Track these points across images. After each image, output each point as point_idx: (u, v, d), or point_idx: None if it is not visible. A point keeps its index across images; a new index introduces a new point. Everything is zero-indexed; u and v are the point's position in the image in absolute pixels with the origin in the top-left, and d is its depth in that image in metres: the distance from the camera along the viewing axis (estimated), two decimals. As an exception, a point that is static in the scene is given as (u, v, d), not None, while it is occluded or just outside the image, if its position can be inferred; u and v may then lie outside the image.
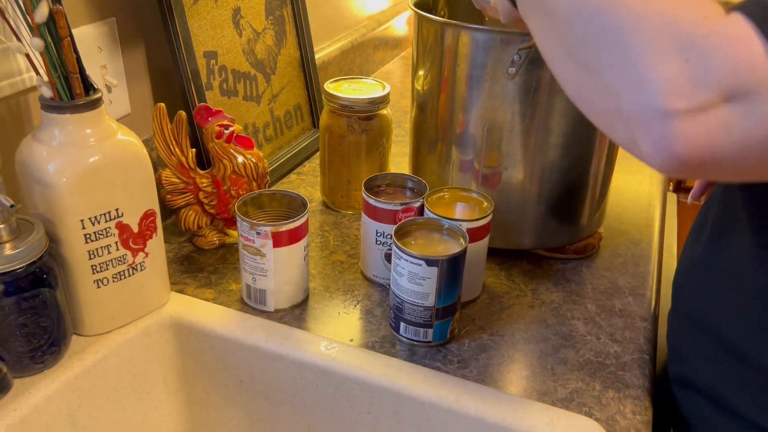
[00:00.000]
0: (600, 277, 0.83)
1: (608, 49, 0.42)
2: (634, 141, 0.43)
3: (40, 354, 0.61)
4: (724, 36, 0.39)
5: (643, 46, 0.40)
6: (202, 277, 0.79)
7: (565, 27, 0.46)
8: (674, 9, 0.40)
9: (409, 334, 0.70)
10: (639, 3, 0.41)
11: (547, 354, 0.70)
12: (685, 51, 0.39)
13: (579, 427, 0.60)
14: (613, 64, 0.42)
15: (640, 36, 0.40)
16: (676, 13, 0.40)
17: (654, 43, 0.40)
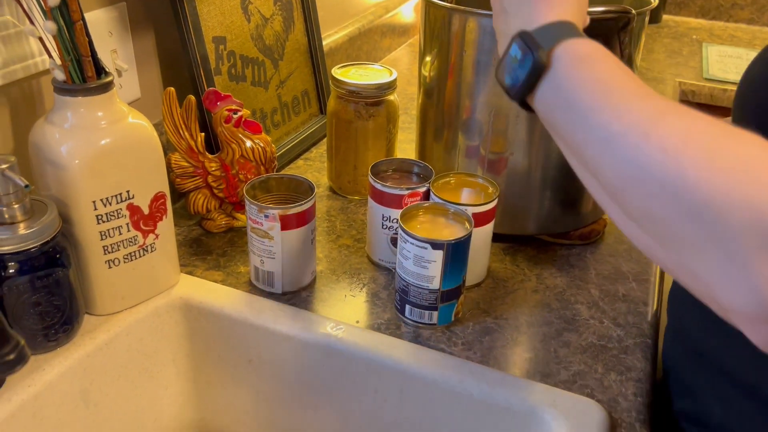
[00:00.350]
0: (604, 262, 0.83)
1: (697, 236, 0.36)
2: (724, 312, 0.38)
3: (53, 332, 0.62)
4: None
5: (745, 239, 0.34)
6: (210, 260, 0.80)
7: (624, 192, 0.41)
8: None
9: (414, 316, 0.71)
10: (735, 185, 0.35)
11: (550, 337, 0.71)
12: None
13: (581, 408, 0.61)
14: (703, 254, 0.36)
15: (742, 230, 0.34)
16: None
17: (756, 238, 0.34)
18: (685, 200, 0.36)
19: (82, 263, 0.65)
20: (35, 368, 0.61)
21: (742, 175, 0.35)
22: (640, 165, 0.39)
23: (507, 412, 0.62)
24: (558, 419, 0.60)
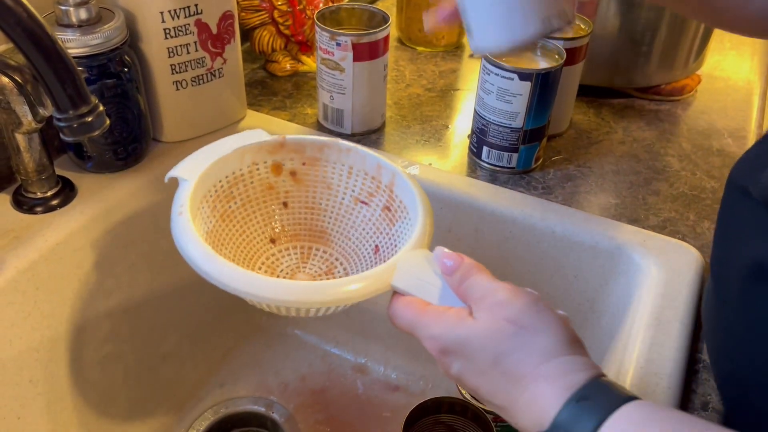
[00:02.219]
0: (696, 119, 0.77)
1: None
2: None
3: (122, 149, 0.60)
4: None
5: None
6: (276, 101, 0.77)
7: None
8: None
9: (491, 159, 0.67)
10: None
11: (638, 185, 0.66)
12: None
13: (672, 249, 0.57)
14: None
15: None
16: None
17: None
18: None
19: (149, 83, 0.62)
20: (106, 185, 0.60)
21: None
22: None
23: (592, 250, 0.58)
24: (648, 258, 0.56)
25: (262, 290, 0.39)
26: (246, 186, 0.50)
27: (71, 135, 0.40)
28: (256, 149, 0.50)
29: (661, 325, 0.50)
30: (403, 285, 0.40)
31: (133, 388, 0.65)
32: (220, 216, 0.48)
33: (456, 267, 0.39)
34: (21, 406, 0.54)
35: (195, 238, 0.42)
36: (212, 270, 0.40)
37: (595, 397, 0.33)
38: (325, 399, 0.72)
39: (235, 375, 0.73)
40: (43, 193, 0.57)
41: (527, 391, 0.34)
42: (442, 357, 0.37)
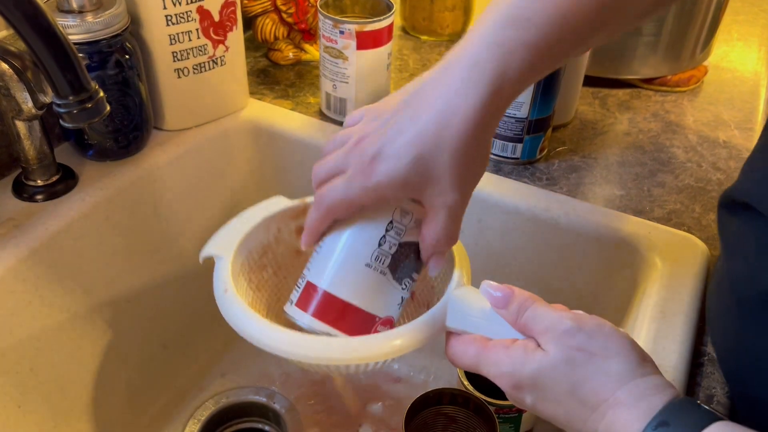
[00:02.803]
0: (703, 110, 0.76)
1: None
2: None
3: (123, 137, 0.60)
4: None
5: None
6: (279, 90, 0.76)
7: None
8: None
9: (496, 149, 0.66)
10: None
11: (643, 177, 0.65)
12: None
13: (678, 242, 0.56)
14: None
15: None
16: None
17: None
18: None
19: (150, 71, 0.61)
20: (107, 173, 0.60)
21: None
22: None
23: (596, 242, 0.58)
24: (653, 251, 0.55)
25: (328, 353, 0.39)
26: (275, 254, 0.50)
27: (71, 121, 0.40)
28: (281, 216, 0.50)
29: (666, 317, 0.49)
30: (459, 324, 0.40)
31: (133, 377, 0.65)
32: (256, 287, 0.48)
33: (508, 299, 0.38)
34: (21, 395, 0.54)
35: (247, 312, 0.42)
36: (274, 341, 0.40)
37: (674, 421, 0.32)
38: (326, 390, 0.72)
39: (237, 365, 0.73)
40: (43, 181, 0.57)
41: (605, 418, 0.34)
42: (515, 392, 0.37)
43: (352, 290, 0.41)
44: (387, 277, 0.41)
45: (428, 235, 0.40)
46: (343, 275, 0.42)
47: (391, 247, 0.41)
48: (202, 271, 0.71)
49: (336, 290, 0.42)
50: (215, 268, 0.45)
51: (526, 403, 0.37)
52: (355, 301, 0.41)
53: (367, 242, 0.41)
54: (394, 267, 0.41)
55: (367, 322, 0.42)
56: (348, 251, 0.41)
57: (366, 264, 0.41)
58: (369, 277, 0.41)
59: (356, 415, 0.69)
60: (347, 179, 0.39)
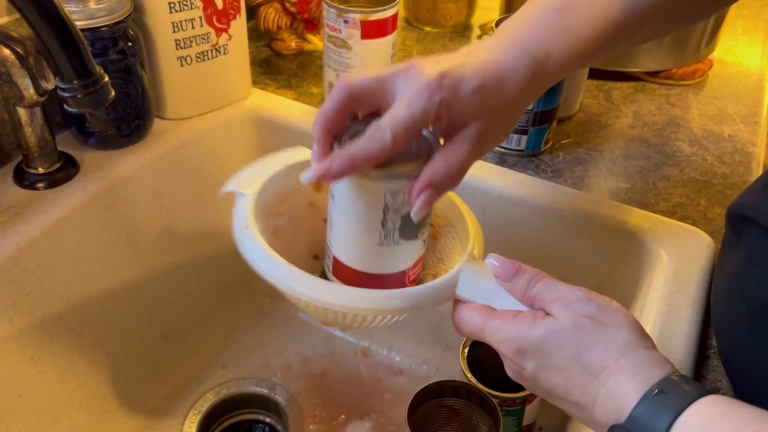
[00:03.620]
0: (708, 104, 0.76)
1: None
2: None
3: (125, 125, 0.59)
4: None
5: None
6: (281, 80, 0.75)
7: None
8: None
9: (500, 141, 0.66)
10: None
11: (648, 170, 0.65)
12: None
13: (683, 235, 0.56)
14: None
15: None
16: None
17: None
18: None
19: (153, 59, 0.61)
20: (108, 162, 0.59)
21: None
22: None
23: (602, 235, 0.58)
24: (658, 244, 0.55)
25: (338, 298, 0.40)
26: (292, 203, 0.50)
27: (75, 106, 0.39)
28: (303, 167, 0.49)
29: (671, 311, 0.49)
30: (467, 294, 0.41)
31: (134, 368, 0.65)
32: (271, 232, 0.48)
33: (515, 272, 0.39)
34: (22, 385, 0.53)
35: (264, 249, 0.42)
36: (289, 280, 0.41)
37: (672, 391, 0.33)
38: (327, 382, 0.71)
39: (238, 356, 0.72)
40: (45, 168, 0.56)
41: (606, 385, 0.34)
42: (518, 358, 0.37)
43: (375, 265, 0.42)
44: (402, 244, 0.42)
45: (433, 164, 0.38)
46: (361, 256, 0.42)
47: (394, 223, 0.41)
48: (204, 261, 0.71)
49: (360, 266, 0.42)
50: (236, 204, 0.45)
51: (526, 371, 0.37)
52: (382, 270, 0.42)
53: (370, 229, 0.41)
54: (406, 234, 0.41)
55: (400, 277, 0.43)
56: (357, 236, 0.42)
57: (378, 244, 0.41)
58: (386, 252, 0.42)
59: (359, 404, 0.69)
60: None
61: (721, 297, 0.47)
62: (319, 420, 0.67)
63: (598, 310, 0.36)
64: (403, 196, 0.40)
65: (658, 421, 0.32)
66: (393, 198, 0.40)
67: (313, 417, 0.67)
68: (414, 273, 0.45)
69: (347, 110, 0.39)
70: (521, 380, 0.39)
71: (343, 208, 0.42)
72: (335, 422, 0.67)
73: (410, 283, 0.44)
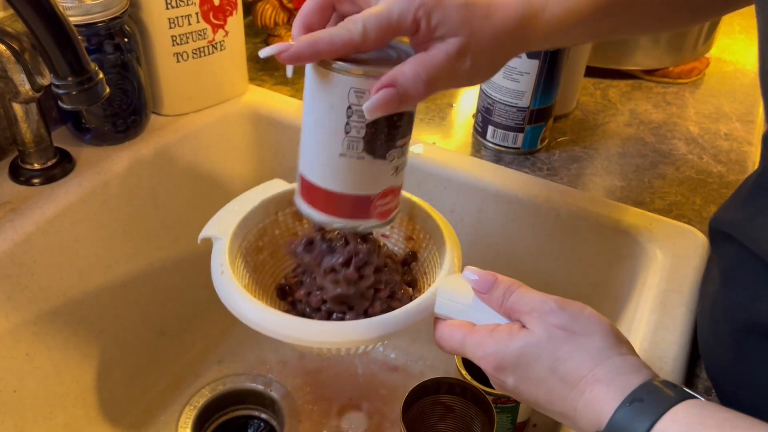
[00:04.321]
0: (704, 102, 0.76)
1: None
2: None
3: (121, 121, 0.59)
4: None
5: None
6: (278, 76, 0.75)
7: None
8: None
9: (496, 139, 0.66)
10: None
11: (644, 169, 0.65)
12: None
13: (678, 233, 0.56)
14: None
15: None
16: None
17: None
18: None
19: (150, 55, 0.61)
20: (104, 158, 0.59)
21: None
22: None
23: (597, 233, 0.58)
24: (653, 242, 0.55)
25: (317, 335, 0.40)
26: (272, 237, 0.50)
27: (70, 103, 0.39)
28: (279, 199, 0.50)
29: (666, 309, 0.49)
30: (445, 311, 0.41)
31: (130, 364, 0.65)
32: (253, 269, 0.48)
33: (490, 284, 0.39)
34: (17, 380, 0.53)
35: (241, 294, 0.42)
36: (266, 322, 0.41)
37: (647, 398, 0.33)
38: (323, 378, 0.71)
39: (234, 352, 0.73)
40: (40, 164, 0.56)
41: (584, 395, 0.34)
42: (498, 374, 0.37)
43: (336, 181, 0.40)
44: (366, 160, 0.39)
45: (403, 65, 0.36)
46: (323, 168, 0.40)
47: (359, 131, 0.38)
48: (200, 257, 0.71)
49: (322, 182, 0.40)
50: (213, 250, 0.45)
51: (508, 385, 0.37)
52: (342, 190, 0.40)
53: (332, 133, 0.39)
54: (372, 148, 0.39)
55: (364, 202, 0.41)
56: (319, 144, 0.40)
57: (340, 154, 0.39)
58: (348, 166, 0.39)
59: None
60: None
61: (705, 317, 0.47)
62: (315, 416, 0.67)
63: (571, 320, 0.36)
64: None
65: (636, 429, 0.32)
66: (358, 99, 0.37)
67: (309, 413, 0.68)
68: (382, 205, 0.42)
69: (328, 6, 0.38)
70: (506, 392, 0.39)
71: (307, 108, 0.39)
72: (330, 418, 0.67)
73: (378, 216, 0.42)
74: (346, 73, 0.36)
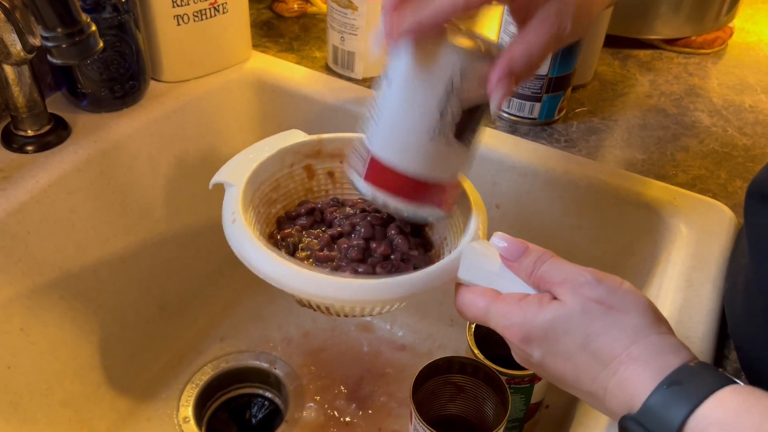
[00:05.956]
0: (728, 73, 0.73)
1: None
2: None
3: (119, 87, 0.56)
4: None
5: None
6: (283, 43, 0.72)
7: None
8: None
9: (512, 109, 0.63)
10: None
11: (666, 141, 0.62)
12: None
13: (704, 208, 0.53)
14: None
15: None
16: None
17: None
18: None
19: (149, 17, 0.58)
20: (101, 125, 0.57)
21: None
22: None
23: (618, 207, 0.55)
24: (677, 217, 0.53)
25: (331, 290, 0.37)
26: (286, 190, 0.47)
27: (60, 57, 0.37)
28: (296, 150, 0.47)
29: (692, 287, 0.47)
30: (470, 277, 0.38)
31: (129, 340, 0.63)
32: (264, 221, 0.45)
33: (521, 252, 0.36)
34: (11, 355, 0.51)
35: (253, 242, 0.39)
36: (280, 274, 0.38)
37: (688, 381, 0.30)
38: (328, 356, 0.69)
39: (237, 329, 0.70)
40: (34, 131, 0.54)
41: (617, 374, 0.32)
42: (523, 345, 0.35)
43: (420, 163, 0.38)
44: (453, 146, 0.38)
45: (511, 49, 0.35)
46: (407, 150, 0.38)
47: (454, 116, 0.37)
48: (202, 230, 0.69)
49: (403, 165, 0.38)
50: (225, 196, 0.42)
51: (534, 358, 0.35)
52: (424, 174, 0.38)
53: (425, 116, 0.37)
54: (461, 133, 0.37)
55: (439, 190, 0.40)
56: (407, 125, 0.37)
57: (430, 138, 0.37)
58: (436, 150, 0.38)
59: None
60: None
61: (737, 293, 0.44)
62: (320, 395, 0.65)
63: (608, 293, 0.33)
64: (472, 83, 0.36)
65: (673, 414, 0.29)
66: (461, 79, 0.35)
67: (314, 392, 0.66)
68: (452, 195, 0.41)
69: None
70: (530, 367, 0.37)
71: (399, 87, 0.37)
72: (335, 397, 0.65)
73: (445, 207, 0.40)
74: (453, 49, 0.34)
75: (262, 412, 0.67)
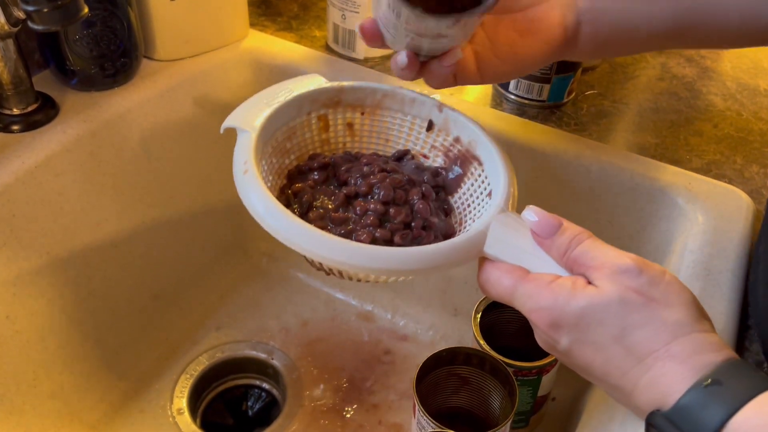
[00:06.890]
0: (741, 56, 0.70)
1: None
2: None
3: (110, 64, 0.54)
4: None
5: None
6: (282, 21, 0.70)
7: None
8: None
9: (520, 90, 0.60)
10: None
11: (679, 125, 0.60)
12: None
13: (720, 194, 0.51)
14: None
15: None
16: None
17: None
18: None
19: (140, -9, 0.55)
20: (91, 104, 0.54)
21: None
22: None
23: (631, 193, 0.53)
24: (693, 203, 0.50)
25: (346, 255, 0.35)
26: (302, 140, 0.44)
27: (41, 23, 0.34)
28: (315, 97, 0.44)
29: (710, 275, 0.45)
30: (498, 252, 0.35)
31: (122, 329, 0.61)
32: (276, 172, 0.43)
33: (555, 229, 0.34)
34: (-3, 344, 0.49)
35: (270, 200, 0.36)
36: (297, 236, 0.35)
37: (728, 382, 0.28)
38: (327, 346, 0.67)
39: (233, 318, 0.68)
40: (20, 109, 0.51)
41: (651, 371, 0.30)
42: (551, 331, 0.32)
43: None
44: None
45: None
46: None
47: None
48: (197, 216, 0.66)
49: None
50: (237, 143, 0.40)
51: (561, 345, 0.33)
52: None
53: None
54: None
55: None
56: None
57: None
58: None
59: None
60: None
61: (761, 281, 0.42)
62: (319, 386, 0.63)
63: (650, 284, 0.31)
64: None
65: (710, 416, 0.27)
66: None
67: (312, 383, 0.63)
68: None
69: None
70: (553, 353, 0.34)
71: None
72: (335, 388, 0.63)
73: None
74: None
75: (258, 404, 0.65)
